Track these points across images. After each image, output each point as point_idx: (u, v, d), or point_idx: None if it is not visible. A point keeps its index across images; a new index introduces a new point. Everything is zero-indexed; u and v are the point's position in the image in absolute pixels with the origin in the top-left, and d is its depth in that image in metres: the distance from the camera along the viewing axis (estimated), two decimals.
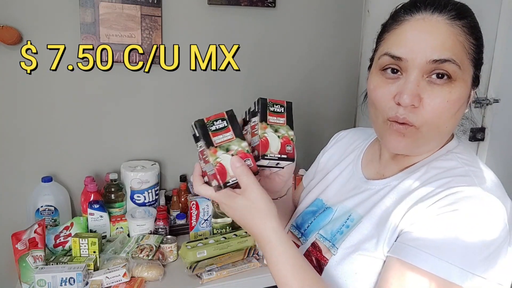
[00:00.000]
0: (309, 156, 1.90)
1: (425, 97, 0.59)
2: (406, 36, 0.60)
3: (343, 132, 0.91)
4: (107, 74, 1.52)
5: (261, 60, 1.73)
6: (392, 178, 0.69)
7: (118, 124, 1.59)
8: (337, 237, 0.69)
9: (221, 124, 0.64)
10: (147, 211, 1.47)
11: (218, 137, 0.63)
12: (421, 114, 0.59)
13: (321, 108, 1.88)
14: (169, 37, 1.56)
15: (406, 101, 0.58)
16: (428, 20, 0.59)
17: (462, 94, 0.60)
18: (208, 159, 0.62)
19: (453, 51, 0.58)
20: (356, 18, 1.85)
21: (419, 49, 0.59)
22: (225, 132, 0.63)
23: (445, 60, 0.58)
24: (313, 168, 0.92)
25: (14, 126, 1.46)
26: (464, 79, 0.60)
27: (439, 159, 0.66)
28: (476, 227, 0.55)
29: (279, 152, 0.64)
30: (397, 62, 0.60)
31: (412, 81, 0.59)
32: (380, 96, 0.63)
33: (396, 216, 0.62)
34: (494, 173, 0.64)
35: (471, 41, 0.60)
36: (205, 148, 0.62)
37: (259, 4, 1.64)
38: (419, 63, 0.58)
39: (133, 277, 1.22)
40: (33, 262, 1.18)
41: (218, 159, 0.62)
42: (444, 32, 0.58)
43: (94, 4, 1.44)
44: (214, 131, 0.63)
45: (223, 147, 0.63)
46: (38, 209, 1.43)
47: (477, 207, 0.56)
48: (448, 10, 0.59)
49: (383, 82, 0.63)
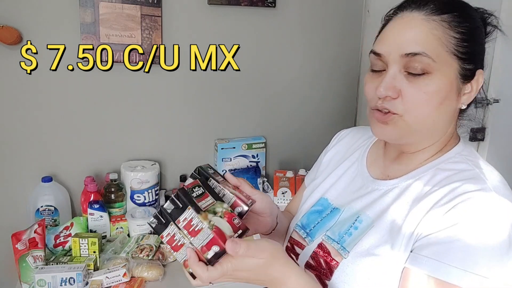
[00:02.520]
0: (309, 156, 1.91)
1: (403, 89, 0.62)
2: (386, 34, 0.65)
3: (345, 131, 0.91)
4: (107, 74, 1.52)
5: (261, 60, 1.73)
6: (400, 179, 0.69)
7: (118, 124, 1.59)
8: (345, 239, 0.68)
9: (199, 190, 0.63)
10: (147, 211, 1.47)
11: (202, 202, 0.61)
12: (400, 104, 0.63)
13: (321, 108, 1.88)
14: (169, 37, 1.56)
15: (382, 93, 0.63)
16: (405, 17, 0.63)
17: (441, 86, 0.62)
18: (200, 226, 0.58)
19: (425, 45, 0.61)
20: (356, 18, 1.85)
21: (394, 45, 0.63)
22: (205, 198, 0.63)
23: (416, 54, 0.60)
24: (315, 167, 0.92)
25: (14, 126, 1.46)
26: (443, 72, 0.61)
27: (448, 162, 0.66)
28: (496, 235, 0.56)
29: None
30: (379, 58, 0.65)
31: (389, 75, 0.63)
32: (367, 91, 0.68)
33: (411, 222, 0.62)
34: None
35: (451, 34, 0.61)
36: (194, 216, 0.59)
37: (259, 4, 1.64)
38: (394, 57, 0.62)
39: (133, 277, 1.22)
40: (33, 262, 1.18)
41: (212, 222, 0.59)
42: (417, 27, 0.62)
43: (94, 4, 1.44)
44: (197, 197, 0.62)
45: (210, 210, 0.61)
46: (38, 209, 1.43)
47: (496, 214, 0.57)
48: (427, 7, 0.62)
49: (370, 78, 0.68)
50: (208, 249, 0.58)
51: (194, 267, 0.59)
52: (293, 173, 1.67)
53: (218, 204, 0.63)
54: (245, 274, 0.60)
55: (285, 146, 1.86)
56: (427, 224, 0.59)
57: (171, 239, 0.62)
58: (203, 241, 0.58)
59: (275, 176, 1.71)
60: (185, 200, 0.61)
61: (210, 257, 0.58)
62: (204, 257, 0.58)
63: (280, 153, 1.86)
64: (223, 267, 0.58)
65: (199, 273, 0.58)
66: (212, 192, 0.65)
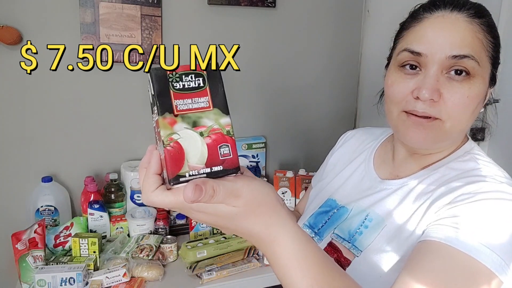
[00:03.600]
0: (309, 156, 1.91)
1: (444, 92, 0.59)
2: (426, 33, 0.61)
3: (351, 132, 0.91)
4: (107, 74, 1.52)
5: (261, 60, 1.73)
6: (409, 178, 0.68)
7: (118, 124, 1.59)
8: (356, 238, 0.68)
9: (194, 82, 0.42)
10: (147, 211, 1.47)
11: (182, 101, 0.41)
12: (443, 109, 0.60)
13: (321, 108, 1.88)
14: (169, 37, 1.56)
15: (426, 96, 0.58)
16: (447, 17, 0.60)
17: (481, 91, 0.61)
18: (158, 136, 0.41)
19: (472, 47, 0.59)
20: (356, 18, 1.85)
21: (438, 45, 0.59)
22: (198, 96, 0.41)
23: (464, 56, 0.58)
24: (322, 169, 0.92)
25: (14, 126, 1.46)
26: (483, 76, 0.61)
27: (458, 160, 0.66)
28: (505, 218, 0.54)
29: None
30: (417, 57, 0.61)
31: (431, 76, 0.59)
32: (397, 91, 0.63)
33: (417, 218, 0.62)
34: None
35: (489, 39, 0.61)
36: (155, 117, 0.41)
37: (259, 4, 1.64)
38: (438, 58, 0.59)
39: (133, 277, 1.22)
40: (33, 262, 1.18)
41: (174, 136, 0.39)
42: (464, 29, 0.59)
43: (94, 4, 1.44)
44: (179, 91, 0.41)
45: (189, 118, 0.40)
46: (38, 209, 1.43)
47: (505, 198, 0.56)
48: (466, 9, 0.61)
49: (401, 78, 0.63)
50: (162, 167, 0.41)
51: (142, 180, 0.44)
52: (293, 173, 1.67)
53: (213, 113, 0.42)
54: (210, 218, 0.44)
55: (285, 146, 1.86)
56: (436, 217, 0.59)
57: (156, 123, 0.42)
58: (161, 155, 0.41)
59: (275, 176, 1.71)
60: (154, 87, 0.41)
61: (165, 177, 0.41)
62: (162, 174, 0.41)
63: (280, 153, 1.86)
64: (177, 199, 0.41)
65: (145, 189, 0.43)
66: (216, 94, 0.43)
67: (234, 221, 0.44)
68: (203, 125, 0.40)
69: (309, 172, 1.70)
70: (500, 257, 0.51)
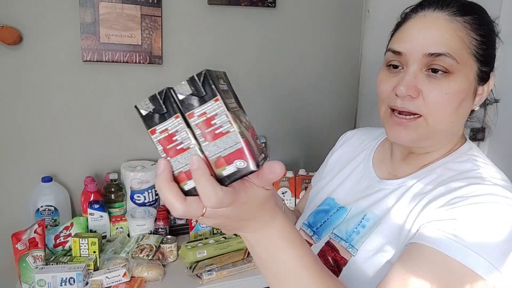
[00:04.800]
0: (309, 156, 1.91)
1: (423, 89, 0.61)
2: (408, 32, 0.63)
3: (351, 132, 0.92)
4: (107, 74, 1.52)
5: (261, 60, 1.73)
6: (407, 178, 0.69)
7: (118, 124, 1.59)
8: (353, 237, 0.69)
9: (224, 85, 0.43)
10: (147, 211, 1.47)
11: (228, 101, 0.41)
12: (422, 104, 0.61)
13: (321, 108, 1.88)
14: (169, 37, 1.56)
15: (403, 92, 0.61)
16: (428, 16, 0.62)
17: (462, 87, 0.61)
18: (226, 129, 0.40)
19: (449, 45, 0.60)
20: (356, 18, 1.85)
21: (416, 43, 0.61)
22: (229, 98, 0.43)
23: (440, 54, 0.60)
24: (321, 168, 0.93)
25: (14, 126, 1.46)
26: (465, 73, 0.61)
27: (455, 161, 0.67)
28: (496, 221, 0.55)
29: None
30: (398, 57, 0.64)
31: (409, 74, 0.62)
32: (383, 89, 0.66)
33: (413, 218, 0.62)
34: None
35: (473, 36, 0.61)
36: (221, 112, 0.40)
37: (259, 4, 1.64)
38: (416, 56, 0.61)
39: (133, 277, 1.22)
40: (33, 262, 1.18)
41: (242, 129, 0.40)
42: (442, 27, 0.61)
43: (94, 4, 1.44)
44: (223, 92, 0.41)
45: (237, 114, 0.42)
46: (38, 209, 1.43)
47: (497, 201, 0.56)
48: (450, 7, 0.61)
49: (386, 76, 0.66)
50: (228, 162, 0.40)
51: (203, 182, 0.40)
52: (293, 173, 1.67)
53: (241, 112, 0.44)
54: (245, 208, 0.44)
55: (285, 146, 1.86)
56: (428, 213, 0.60)
57: (167, 137, 0.43)
58: (224, 150, 0.40)
59: None
60: (214, 87, 0.40)
61: (228, 174, 0.40)
62: (217, 173, 0.41)
63: (280, 153, 1.86)
64: (240, 194, 0.41)
65: (209, 191, 0.40)
66: (234, 96, 0.45)
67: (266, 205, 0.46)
68: (242, 121, 0.43)
69: (309, 172, 1.70)
70: (487, 260, 0.52)
